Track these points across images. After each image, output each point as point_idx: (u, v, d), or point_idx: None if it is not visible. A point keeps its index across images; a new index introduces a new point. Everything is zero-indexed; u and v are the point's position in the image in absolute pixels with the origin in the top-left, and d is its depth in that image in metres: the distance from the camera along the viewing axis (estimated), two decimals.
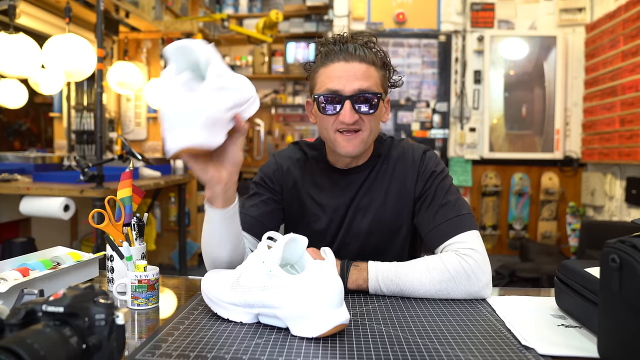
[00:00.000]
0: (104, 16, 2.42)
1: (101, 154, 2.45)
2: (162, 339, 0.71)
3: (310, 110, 1.13)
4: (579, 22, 4.18)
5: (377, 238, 1.14)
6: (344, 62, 1.01)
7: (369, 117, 1.02)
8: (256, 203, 1.14)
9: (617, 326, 0.61)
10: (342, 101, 1.00)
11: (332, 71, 1.02)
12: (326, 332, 0.71)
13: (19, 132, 3.90)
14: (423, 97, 4.40)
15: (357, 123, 1.02)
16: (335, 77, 1.01)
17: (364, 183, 1.14)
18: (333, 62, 1.02)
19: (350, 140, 1.03)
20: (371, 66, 1.02)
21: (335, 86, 1.01)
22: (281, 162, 1.19)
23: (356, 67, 1.01)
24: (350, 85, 1.00)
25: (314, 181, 1.17)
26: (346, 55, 1.01)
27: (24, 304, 0.54)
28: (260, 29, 4.11)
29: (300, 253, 0.80)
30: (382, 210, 1.13)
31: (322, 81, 1.03)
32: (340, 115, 1.01)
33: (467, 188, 4.37)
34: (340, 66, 1.01)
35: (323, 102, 1.02)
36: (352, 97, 1.00)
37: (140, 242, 0.99)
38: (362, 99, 1.01)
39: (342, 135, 1.03)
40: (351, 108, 1.00)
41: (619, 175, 3.75)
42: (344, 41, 1.03)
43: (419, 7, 4.34)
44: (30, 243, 2.64)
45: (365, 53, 1.02)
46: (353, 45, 1.02)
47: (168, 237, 4.00)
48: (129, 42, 3.80)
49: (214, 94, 0.77)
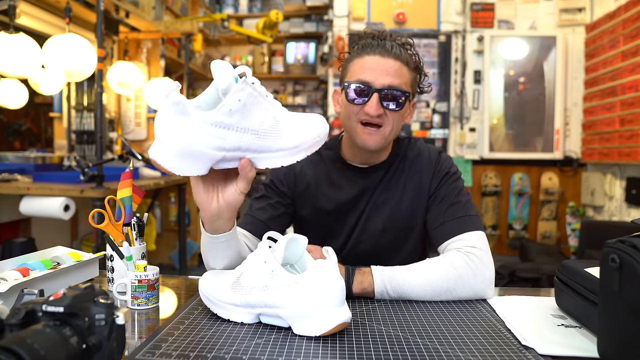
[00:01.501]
0: (104, 16, 2.42)
1: (101, 154, 2.45)
2: (162, 339, 0.71)
3: (337, 99, 1.14)
4: (579, 22, 4.18)
5: (391, 237, 1.14)
6: (379, 56, 1.03)
7: (393, 113, 1.04)
8: (264, 206, 1.14)
9: (617, 326, 0.61)
10: (370, 93, 1.02)
11: (366, 63, 1.03)
12: (329, 330, 0.71)
13: (19, 132, 3.90)
14: (423, 97, 4.39)
15: (381, 117, 1.03)
16: (368, 69, 1.03)
17: (381, 181, 1.14)
18: (369, 55, 1.04)
19: (371, 135, 1.04)
20: (404, 66, 1.04)
21: (366, 77, 1.02)
22: (294, 164, 1.19)
23: (390, 64, 1.02)
24: (381, 79, 1.01)
25: (330, 180, 1.16)
26: (382, 50, 1.03)
27: (24, 304, 0.54)
28: (260, 29, 4.11)
29: (301, 253, 0.80)
30: (397, 209, 1.13)
31: (355, 71, 1.05)
32: (367, 106, 1.02)
33: (467, 188, 4.36)
34: (375, 59, 1.03)
35: (352, 91, 1.04)
36: (381, 91, 1.01)
37: (140, 242, 0.99)
38: (390, 94, 1.02)
39: (364, 128, 1.05)
40: (378, 101, 1.01)
41: (619, 175, 3.75)
42: (383, 37, 1.05)
43: (419, 7, 4.34)
44: (30, 243, 2.64)
45: (401, 52, 1.04)
46: (390, 43, 1.04)
47: (168, 237, 4.00)
48: (129, 42, 3.80)
49: (205, 128, 0.70)
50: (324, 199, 1.15)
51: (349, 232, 1.15)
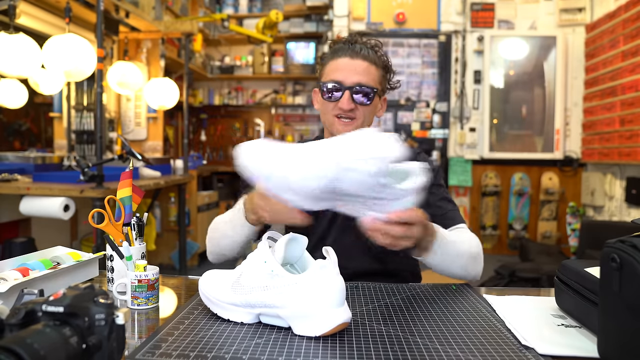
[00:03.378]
0: (104, 16, 2.42)
1: (101, 154, 2.45)
2: (162, 339, 0.71)
3: (316, 97, 1.25)
4: (579, 22, 4.18)
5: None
6: (349, 58, 1.16)
7: (364, 107, 1.16)
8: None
9: (617, 326, 0.61)
10: (342, 90, 1.15)
11: (338, 64, 1.17)
12: (329, 331, 0.71)
13: (19, 132, 3.90)
14: (423, 97, 4.40)
15: (353, 111, 1.16)
16: (340, 69, 1.16)
17: None
18: (340, 57, 1.17)
19: (346, 125, 1.16)
20: (372, 65, 1.17)
21: (338, 77, 1.15)
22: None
23: (358, 64, 1.15)
24: (351, 78, 1.14)
25: None
26: (352, 52, 1.16)
27: (24, 304, 0.54)
28: (260, 29, 4.11)
29: (301, 252, 0.80)
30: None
31: (328, 72, 1.18)
32: (340, 102, 1.15)
33: (467, 188, 4.37)
34: (345, 61, 1.16)
35: (326, 90, 1.16)
36: (352, 88, 1.14)
37: (140, 242, 0.99)
38: (360, 91, 1.15)
39: (340, 121, 1.17)
40: (349, 97, 1.14)
41: (619, 175, 3.75)
42: (353, 41, 1.18)
43: (419, 7, 4.34)
44: (30, 243, 2.64)
45: (369, 53, 1.17)
46: (359, 46, 1.17)
47: (168, 237, 4.00)
48: (129, 42, 3.80)
49: (332, 172, 0.72)
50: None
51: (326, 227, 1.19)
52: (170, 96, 3.58)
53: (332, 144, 0.75)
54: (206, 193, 4.39)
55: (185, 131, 3.85)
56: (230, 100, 5.42)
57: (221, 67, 5.29)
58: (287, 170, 0.77)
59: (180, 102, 3.85)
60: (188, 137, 3.96)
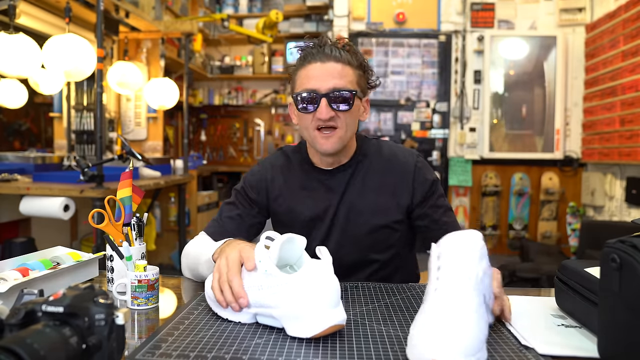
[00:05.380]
0: (104, 16, 2.42)
1: (101, 154, 2.45)
2: (162, 339, 0.71)
3: (292, 111, 1.16)
4: (579, 22, 4.18)
5: (372, 235, 1.15)
6: (320, 62, 1.05)
7: (344, 114, 1.06)
8: (232, 216, 1.17)
9: (617, 326, 0.61)
10: (318, 99, 1.04)
11: (309, 71, 1.06)
12: (320, 332, 0.69)
13: (19, 132, 3.90)
14: (423, 97, 4.40)
15: (333, 119, 1.05)
16: (312, 76, 1.05)
17: (350, 181, 1.15)
18: (310, 63, 1.07)
19: (328, 138, 1.07)
20: (347, 66, 1.06)
21: (312, 85, 1.05)
22: (265, 172, 1.21)
23: (331, 67, 1.05)
24: (326, 83, 1.04)
25: (300, 184, 1.18)
26: (322, 56, 1.06)
27: (24, 304, 0.54)
28: (260, 29, 4.11)
29: (299, 253, 0.80)
30: (373, 208, 1.14)
31: (301, 81, 1.08)
32: (317, 112, 1.04)
33: (467, 188, 4.37)
34: (317, 66, 1.05)
35: (301, 101, 1.06)
36: (328, 94, 1.04)
37: (140, 242, 0.99)
38: (338, 96, 1.04)
39: (321, 133, 1.07)
40: (327, 105, 1.04)
41: (619, 175, 3.75)
42: (323, 44, 1.08)
43: (419, 7, 4.34)
44: (30, 243, 2.64)
45: (341, 54, 1.06)
46: (330, 47, 1.07)
47: (168, 237, 4.00)
48: (129, 42, 3.79)
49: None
50: (298, 204, 1.17)
51: (325, 233, 1.15)
52: (170, 96, 3.58)
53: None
54: (206, 193, 4.39)
55: (185, 131, 3.85)
56: (230, 100, 5.42)
57: (221, 67, 5.29)
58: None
59: (180, 102, 3.84)
60: (188, 137, 3.96)
